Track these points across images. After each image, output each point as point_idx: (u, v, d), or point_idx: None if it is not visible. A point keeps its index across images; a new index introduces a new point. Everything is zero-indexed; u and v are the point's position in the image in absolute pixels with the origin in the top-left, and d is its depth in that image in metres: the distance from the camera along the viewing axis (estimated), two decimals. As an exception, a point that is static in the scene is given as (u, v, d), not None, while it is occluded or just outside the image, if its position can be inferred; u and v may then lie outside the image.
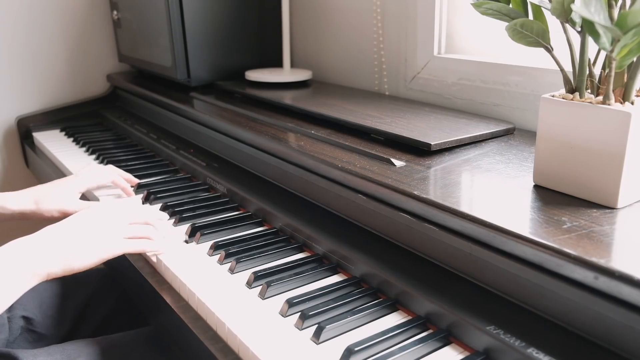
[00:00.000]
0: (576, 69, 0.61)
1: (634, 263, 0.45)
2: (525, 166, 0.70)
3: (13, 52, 1.44)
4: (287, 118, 0.99)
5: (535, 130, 0.62)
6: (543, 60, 0.88)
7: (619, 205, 0.56)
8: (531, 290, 0.52)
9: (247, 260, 0.71)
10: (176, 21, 1.21)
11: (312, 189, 0.81)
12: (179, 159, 1.09)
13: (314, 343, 0.55)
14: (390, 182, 0.66)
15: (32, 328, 0.89)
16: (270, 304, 0.63)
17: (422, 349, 0.54)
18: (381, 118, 0.90)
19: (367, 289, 0.64)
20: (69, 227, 0.71)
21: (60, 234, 0.69)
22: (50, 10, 1.47)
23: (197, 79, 1.27)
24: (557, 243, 0.49)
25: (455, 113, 0.95)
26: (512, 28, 0.61)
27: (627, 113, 0.53)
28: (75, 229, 0.71)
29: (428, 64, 1.06)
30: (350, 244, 0.69)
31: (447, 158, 0.75)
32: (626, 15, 0.48)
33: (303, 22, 1.38)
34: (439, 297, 0.57)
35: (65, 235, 0.69)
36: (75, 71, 1.54)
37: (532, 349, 0.48)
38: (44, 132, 1.44)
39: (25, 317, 0.89)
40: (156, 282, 0.72)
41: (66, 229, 0.70)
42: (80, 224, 0.72)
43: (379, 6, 1.14)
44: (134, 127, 1.33)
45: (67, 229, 0.70)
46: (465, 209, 0.57)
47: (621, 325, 0.45)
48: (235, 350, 0.57)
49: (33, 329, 0.89)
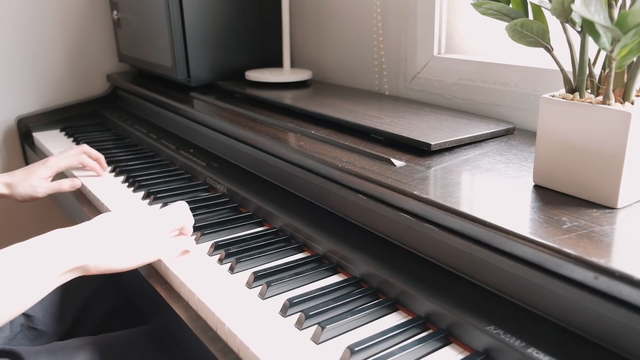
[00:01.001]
0: (576, 69, 0.61)
1: (634, 263, 0.45)
2: (525, 166, 0.70)
3: (13, 52, 1.44)
4: (287, 118, 0.99)
5: (535, 130, 0.62)
6: (543, 60, 0.88)
7: (619, 205, 0.56)
8: (531, 290, 0.52)
9: (247, 260, 0.71)
10: (176, 21, 1.21)
11: (312, 189, 0.81)
12: (179, 159, 1.09)
13: (314, 343, 0.55)
14: (390, 182, 0.66)
15: (32, 325, 0.89)
16: (270, 304, 0.63)
17: (422, 349, 0.54)
18: (381, 118, 0.90)
19: (367, 289, 0.64)
20: (119, 225, 0.68)
21: (108, 231, 0.66)
22: (50, 10, 1.47)
23: (197, 79, 1.27)
24: (557, 243, 0.49)
25: (455, 113, 0.95)
26: (512, 28, 0.61)
27: (627, 113, 0.53)
28: (124, 228, 0.68)
29: (428, 63, 1.06)
30: (350, 244, 0.69)
31: (447, 158, 0.75)
32: (626, 15, 0.48)
33: (303, 22, 1.38)
34: (439, 297, 0.57)
35: (113, 233, 0.66)
36: (75, 71, 1.54)
37: (532, 349, 0.48)
38: (44, 132, 1.44)
39: (26, 314, 0.89)
40: (156, 281, 0.72)
41: (116, 226, 0.67)
42: (131, 224, 0.69)
43: (379, 6, 1.14)
44: (134, 127, 1.33)
45: (116, 227, 0.67)
46: (465, 209, 0.57)
47: (621, 325, 0.45)
48: (235, 350, 0.57)
49: (34, 326, 0.89)
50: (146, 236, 0.69)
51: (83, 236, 0.64)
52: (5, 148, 1.49)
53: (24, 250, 0.59)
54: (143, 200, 0.95)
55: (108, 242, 0.65)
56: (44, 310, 0.91)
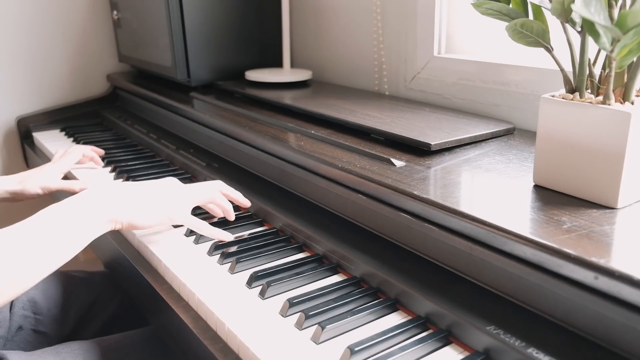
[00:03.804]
0: (576, 69, 0.61)
1: (634, 263, 0.45)
2: (525, 166, 0.70)
3: (13, 52, 1.44)
4: (287, 118, 0.99)
5: (535, 130, 0.62)
6: (543, 60, 0.88)
7: (619, 205, 0.56)
8: (531, 290, 0.52)
9: (247, 260, 0.71)
10: (176, 21, 1.21)
11: (312, 189, 0.81)
12: (179, 159, 1.09)
13: (314, 343, 0.55)
14: (390, 182, 0.66)
15: (34, 327, 0.89)
16: (270, 303, 0.63)
17: (422, 349, 0.54)
18: (381, 118, 0.90)
19: (367, 289, 0.64)
20: (144, 188, 0.74)
21: (133, 191, 0.73)
22: (51, 10, 1.47)
23: (197, 79, 1.27)
24: (557, 243, 0.49)
25: (455, 113, 0.95)
26: (512, 28, 0.61)
27: (627, 113, 0.53)
28: (147, 191, 0.74)
29: (428, 64, 1.06)
30: (350, 244, 0.69)
31: (447, 158, 0.75)
32: (626, 15, 0.48)
33: (303, 22, 1.38)
34: (439, 297, 0.57)
35: (137, 193, 0.73)
36: (75, 71, 1.54)
37: (532, 349, 0.48)
38: (44, 132, 1.44)
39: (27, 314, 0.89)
40: (156, 282, 0.72)
41: (141, 189, 0.74)
42: (154, 188, 0.75)
43: (379, 6, 1.14)
44: (134, 127, 1.33)
45: (141, 189, 0.74)
46: (465, 208, 0.57)
47: (621, 325, 0.45)
48: (235, 350, 0.57)
49: (35, 328, 0.89)
50: (168, 198, 0.75)
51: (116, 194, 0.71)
52: (5, 148, 1.49)
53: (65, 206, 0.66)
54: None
55: (133, 200, 0.72)
56: (48, 312, 0.91)
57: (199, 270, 0.70)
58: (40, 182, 0.98)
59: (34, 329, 0.89)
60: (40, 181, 0.98)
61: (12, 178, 0.99)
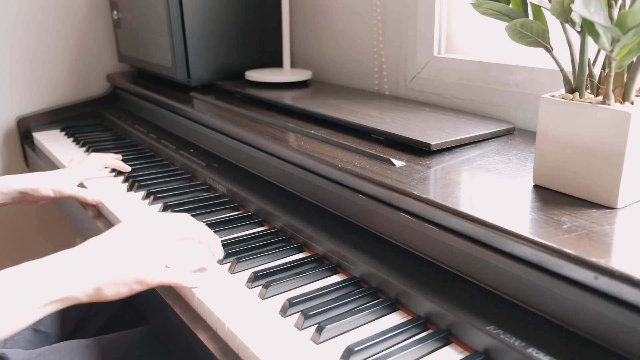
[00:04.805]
0: (576, 69, 0.61)
1: (634, 263, 0.45)
2: (525, 166, 0.70)
3: (13, 52, 1.44)
4: (287, 118, 0.99)
5: (535, 130, 0.62)
6: (543, 60, 0.88)
7: (619, 205, 0.56)
8: (531, 290, 0.52)
9: (247, 260, 0.71)
10: (176, 21, 1.21)
11: (312, 189, 0.81)
12: (179, 159, 1.09)
13: (314, 343, 0.55)
14: (390, 182, 0.66)
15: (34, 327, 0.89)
16: (270, 304, 0.63)
17: (422, 349, 0.54)
18: (381, 118, 0.90)
19: (367, 289, 0.64)
20: (107, 248, 0.60)
21: (96, 256, 0.59)
22: (50, 10, 1.47)
23: (197, 79, 1.27)
24: (557, 243, 0.49)
25: (455, 113, 0.95)
26: (512, 28, 0.61)
27: (627, 113, 0.53)
28: (113, 251, 0.60)
29: (428, 64, 1.06)
30: (350, 244, 0.69)
31: (447, 158, 0.75)
32: (626, 15, 0.48)
33: (303, 22, 1.38)
34: (439, 297, 0.57)
35: (101, 258, 0.59)
36: (75, 71, 1.54)
37: (532, 349, 0.48)
38: (44, 132, 1.44)
39: None
40: (156, 282, 0.72)
41: (104, 249, 0.60)
42: (119, 244, 0.61)
43: (379, 6, 1.14)
44: (134, 127, 1.33)
45: (104, 250, 0.60)
46: (465, 209, 0.57)
47: (621, 325, 0.45)
48: (235, 350, 0.57)
49: (35, 327, 0.89)
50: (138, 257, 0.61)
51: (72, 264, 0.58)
52: (5, 148, 1.49)
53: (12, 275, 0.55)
54: (143, 200, 0.95)
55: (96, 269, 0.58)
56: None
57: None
58: (54, 184, 0.95)
59: (34, 328, 0.89)
60: (54, 183, 0.95)
61: (27, 176, 0.96)
